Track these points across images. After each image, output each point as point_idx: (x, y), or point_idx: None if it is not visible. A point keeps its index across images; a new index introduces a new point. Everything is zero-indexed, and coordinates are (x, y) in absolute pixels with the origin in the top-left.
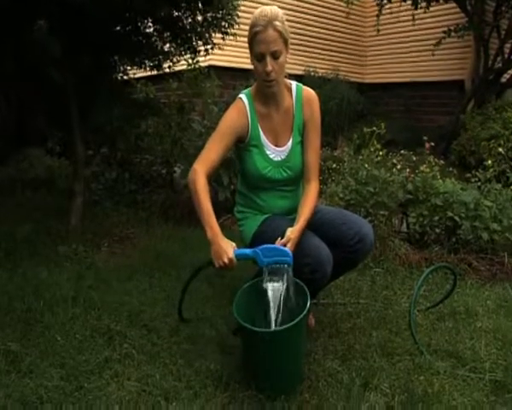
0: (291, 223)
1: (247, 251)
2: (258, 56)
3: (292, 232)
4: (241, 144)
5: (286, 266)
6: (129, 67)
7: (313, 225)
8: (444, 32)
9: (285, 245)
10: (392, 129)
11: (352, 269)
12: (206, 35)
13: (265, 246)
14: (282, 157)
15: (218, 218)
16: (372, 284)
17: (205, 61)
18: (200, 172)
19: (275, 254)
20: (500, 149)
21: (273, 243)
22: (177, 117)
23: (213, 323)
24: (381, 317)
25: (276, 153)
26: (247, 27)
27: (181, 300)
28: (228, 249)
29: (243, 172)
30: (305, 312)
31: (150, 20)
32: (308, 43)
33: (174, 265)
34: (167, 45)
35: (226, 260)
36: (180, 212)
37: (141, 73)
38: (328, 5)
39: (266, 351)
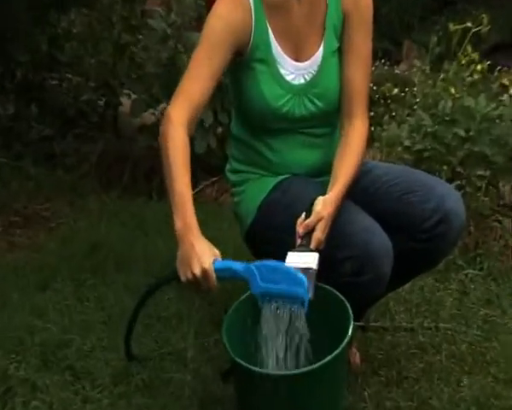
0: (323, 189)
1: (236, 265)
2: None
3: (324, 205)
4: (239, 59)
5: (295, 307)
6: None
7: (359, 196)
8: None
9: (313, 228)
10: (502, 25)
11: (427, 270)
12: None
13: (267, 263)
14: (307, 78)
15: (194, 185)
16: (462, 296)
17: None
18: (178, 123)
19: (281, 279)
20: None
21: (292, 221)
22: (123, 8)
23: (187, 360)
24: (477, 353)
25: (296, 72)
26: None
27: (128, 334)
28: (204, 256)
29: (241, 107)
30: (344, 343)
31: None
32: None
33: (120, 263)
34: None
35: (198, 272)
36: (130, 172)
37: None
38: None
39: (280, 407)
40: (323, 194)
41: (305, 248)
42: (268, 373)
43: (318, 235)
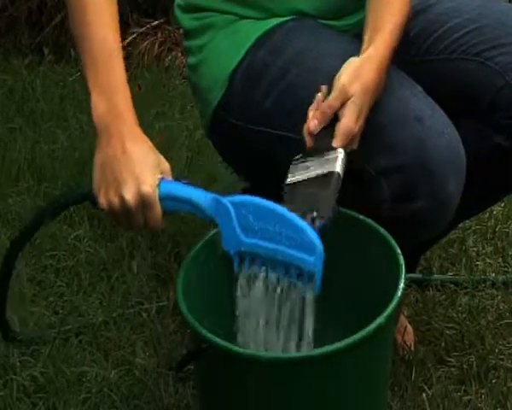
0: (353, 46)
1: (199, 195)
2: None
3: (355, 74)
4: None
5: (299, 286)
6: None
7: (406, 55)
8: None
9: (336, 114)
10: None
11: None
12: None
13: (253, 200)
14: None
15: (121, 34)
16: None
17: None
18: None
19: (276, 231)
20: None
21: (293, 103)
22: None
23: (109, 342)
24: None
25: None
26: None
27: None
28: (144, 171)
29: None
30: (389, 309)
31: None
32: None
33: None
34: None
35: (132, 198)
36: (4, 11)
37: None
38: None
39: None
40: (354, 54)
41: (321, 152)
42: (263, 356)
43: (347, 122)
